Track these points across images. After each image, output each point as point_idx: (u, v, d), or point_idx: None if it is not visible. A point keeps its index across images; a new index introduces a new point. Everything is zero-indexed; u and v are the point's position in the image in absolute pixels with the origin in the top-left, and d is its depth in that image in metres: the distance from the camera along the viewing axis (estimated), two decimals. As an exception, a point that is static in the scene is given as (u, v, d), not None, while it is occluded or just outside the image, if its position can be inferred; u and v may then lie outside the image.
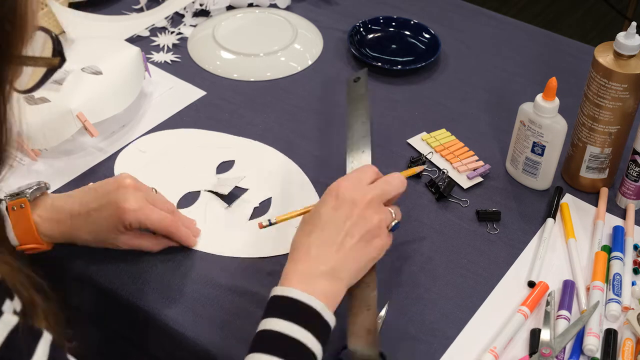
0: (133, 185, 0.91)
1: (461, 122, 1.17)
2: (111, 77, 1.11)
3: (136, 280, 0.93)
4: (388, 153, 1.11)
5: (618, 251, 0.96)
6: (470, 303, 0.92)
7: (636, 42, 0.95)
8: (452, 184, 1.05)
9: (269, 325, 0.75)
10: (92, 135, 1.07)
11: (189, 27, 1.34)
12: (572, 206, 1.04)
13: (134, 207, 0.89)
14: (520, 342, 0.88)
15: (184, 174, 1.07)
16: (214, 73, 1.26)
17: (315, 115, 1.18)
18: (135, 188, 0.91)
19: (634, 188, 1.02)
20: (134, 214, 0.89)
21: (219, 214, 1.01)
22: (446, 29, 1.35)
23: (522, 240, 1.00)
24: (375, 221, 0.82)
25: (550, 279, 0.94)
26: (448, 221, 1.02)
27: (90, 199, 0.91)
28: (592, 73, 0.99)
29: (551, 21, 2.90)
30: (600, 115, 0.99)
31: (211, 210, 1.01)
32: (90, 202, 0.91)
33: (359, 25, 1.33)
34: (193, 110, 1.18)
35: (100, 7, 1.37)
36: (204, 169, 1.07)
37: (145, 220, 0.90)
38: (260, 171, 1.07)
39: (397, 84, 1.25)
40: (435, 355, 0.86)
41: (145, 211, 0.90)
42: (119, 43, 1.20)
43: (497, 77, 1.26)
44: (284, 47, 1.29)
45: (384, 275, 0.95)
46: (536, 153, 1.02)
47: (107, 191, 0.91)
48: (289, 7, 1.40)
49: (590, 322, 0.88)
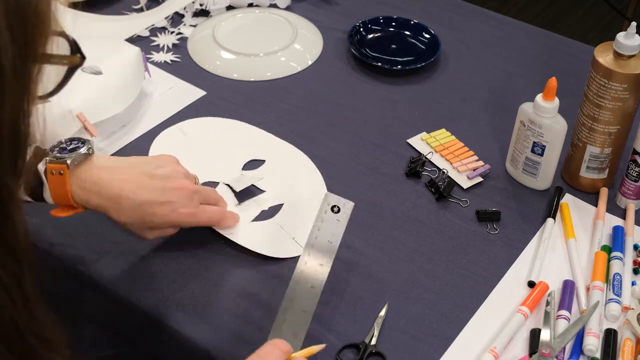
0: (192, 189, 0.91)
1: (461, 122, 1.17)
2: (111, 77, 1.11)
3: (137, 280, 0.93)
4: (388, 153, 1.11)
5: (618, 251, 0.96)
6: (470, 303, 0.92)
7: (636, 42, 0.95)
8: (452, 184, 1.05)
9: None
10: (92, 135, 1.07)
11: (189, 27, 1.34)
12: (572, 206, 1.04)
13: (192, 212, 0.90)
14: (520, 342, 0.88)
15: (214, 163, 1.07)
16: (214, 73, 1.26)
17: (315, 115, 1.18)
18: (194, 192, 0.91)
19: (634, 188, 1.02)
20: (188, 218, 0.90)
21: (229, 209, 1.01)
22: (446, 29, 1.35)
23: (522, 240, 1.00)
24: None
25: (550, 279, 0.94)
26: (448, 221, 1.02)
27: (144, 188, 0.88)
28: (592, 73, 0.99)
29: (551, 21, 2.90)
30: (600, 115, 0.99)
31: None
32: (143, 192, 0.88)
33: (359, 25, 1.33)
34: (193, 110, 1.18)
35: (100, 7, 1.37)
36: (233, 162, 1.08)
37: (197, 222, 0.92)
38: (285, 177, 1.06)
39: (397, 84, 1.25)
40: (435, 355, 0.86)
41: (198, 214, 0.91)
42: (119, 43, 1.20)
43: (497, 77, 1.27)
44: (284, 47, 1.29)
45: (384, 275, 0.95)
46: (536, 153, 1.02)
47: (164, 187, 0.89)
48: (289, 7, 1.40)
49: (590, 322, 0.88)
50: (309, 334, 0.86)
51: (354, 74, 1.26)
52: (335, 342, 0.87)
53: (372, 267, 0.95)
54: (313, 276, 0.86)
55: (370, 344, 0.86)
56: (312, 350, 0.81)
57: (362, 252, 0.97)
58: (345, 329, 0.89)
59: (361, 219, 1.01)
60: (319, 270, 0.86)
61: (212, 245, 0.97)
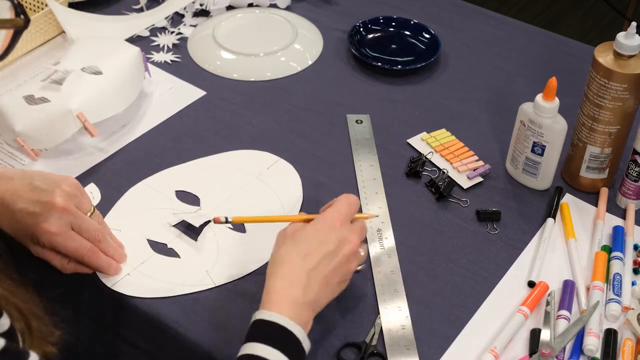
0: (62, 206, 0.87)
1: (461, 122, 1.17)
2: (111, 77, 1.11)
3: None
4: (388, 153, 1.11)
5: (618, 251, 0.96)
6: (470, 303, 0.92)
7: (636, 42, 0.95)
8: (452, 184, 1.05)
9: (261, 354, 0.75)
10: (92, 135, 1.07)
11: (189, 27, 1.34)
12: (572, 206, 1.04)
13: (52, 231, 0.87)
14: (520, 342, 0.88)
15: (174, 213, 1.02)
16: (214, 73, 1.26)
17: (315, 115, 1.18)
18: (63, 210, 0.87)
19: (634, 188, 1.02)
20: (50, 236, 0.87)
21: (190, 247, 0.97)
22: (446, 29, 1.35)
23: (522, 240, 1.00)
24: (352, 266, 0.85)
25: (550, 279, 0.94)
26: (448, 221, 1.02)
27: (23, 196, 0.88)
28: (592, 73, 0.99)
29: (551, 21, 2.90)
30: (600, 115, 0.99)
31: (181, 247, 0.97)
32: (21, 200, 0.88)
33: (359, 25, 1.33)
34: (193, 110, 1.18)
35: (100, 7, 1.37)
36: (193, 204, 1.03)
37: (60, 246, 0.88)
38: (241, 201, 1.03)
39: (397, 84, 1.25)
40: (435, 355, 0.86)
41: (63, 238, 0.88)
42: (119, 43, 1.20)
43: (497, 77, 1.26)
44: (284, 47, 1.29)
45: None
46: (536, 153, 1.02)
47: (38, 199, 0.87)
48: (289, 7, 1.40)
49: (590, 322, 0.88)
50: (309, 334, 0.86)
51: (354, 74, 1.26)
52: (335, 342, 0.87)
53: (372, 267, 0.95)
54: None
55: (370, 344, 0.86)
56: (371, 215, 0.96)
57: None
58: (345, 329, 0.89)
59: (361, 219, 1.01)
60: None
61: (212, 245, 0.97)
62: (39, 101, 1.05)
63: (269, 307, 0.78)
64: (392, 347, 0.86)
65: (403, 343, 0.87)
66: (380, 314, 0.89)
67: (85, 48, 1.17)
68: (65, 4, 1.31)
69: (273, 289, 0.79)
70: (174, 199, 1.03)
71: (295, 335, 0.77)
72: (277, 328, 0.76)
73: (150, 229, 0.98)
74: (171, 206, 1.02)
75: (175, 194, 1.03)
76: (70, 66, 1.10)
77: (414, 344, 0.87)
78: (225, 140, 1.13)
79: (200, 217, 0.99)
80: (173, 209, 1.01)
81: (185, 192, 1.04)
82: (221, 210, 1.00)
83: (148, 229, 0.98)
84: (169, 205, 1.02)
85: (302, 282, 0.80)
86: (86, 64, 1.11)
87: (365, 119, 1.16)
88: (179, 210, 1.01)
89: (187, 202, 1.02)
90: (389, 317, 0.89)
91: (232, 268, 0.94)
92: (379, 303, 0.91)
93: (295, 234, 0.84)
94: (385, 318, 0.89)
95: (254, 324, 0.78)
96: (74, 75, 1.09)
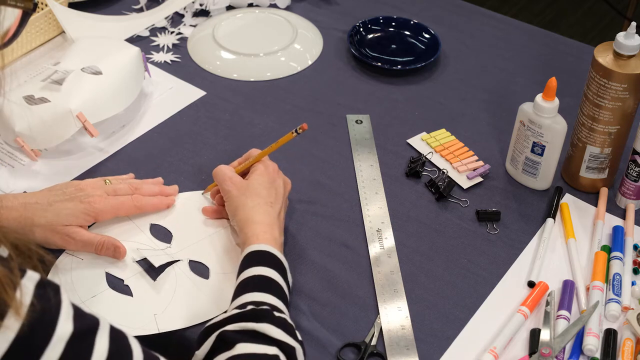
0: (87, 185, 0.96)
1: (461, 122, 1.17)
2: (111, 77, 1.11)
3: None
4: (388, 153, 1.11)
5: (618, 251, 0.96)
6: (470, 303, 0.92)
7: (636, 42, 0.95)
8: (452, 184, 1.05)
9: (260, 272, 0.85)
10: (92, 135, 1.07)
11: (189, 27, 1.34)
12: (572, 206, 1.04)
13: (98, 194, 0.95)
14: (520, 342, 0.88)
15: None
16: (214, 73, 1.26)
17: (315, 115, 1.18)
18: (90, 187, 0.96)
19: (634, 188, 1.02)
20: (99, 203, 0.94)
21: (147, 286, 0.92)
22: (446, 29, 1.35)
23: (522, 240, 1.00)
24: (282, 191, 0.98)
25: (550, 279, 0.94)
26: (448, 221, 1.02)
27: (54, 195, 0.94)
28: (592, 73, 0.99)
29: (551, 21, 2.90)
30: (600, 115, 0.99)
31: (137, 286, 0.92)
32: (54, 195, 0.94)
33: (359, 25, 1.33)
34: (193, 110, 1.18)
35: (100, 7, 1.37)
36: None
37: (108, 206, 0.95)
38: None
39: (397, 84, 1.25)
40: (435, 355, 0.86)
41: (108, 199, 0.95)
42: (119, 43, 1.20)
43: (497, 77, 1.26)
44: (284, 47, 1.29)
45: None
46: (536, 153, 1.03)
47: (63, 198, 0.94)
48: (289, 7, 1.40)
49: (590, 322, 0.88)
50: (309, 334, 0.86)
51: (354, 74, 1.26)
52: (335, 342, 0.87)
53: (372, 267, 0.95)
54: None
55: (370, 344, 0.86)
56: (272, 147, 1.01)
57: (362, 252, 0.97)
58: (345, 329, 0.89)
59: (361, 219, 1.01)
60: None
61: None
62: (39, 101, 1.05)
63: (257, 242, 0.88)
64: (391, 347, 0.86)
65: (403, 343, 0.87)
66: (380, 314, 0.90)
67: (85, 48, 1.17)
68: (65, 4, 1.31)
69: (256, 231, 0.90)
70: (146, 232, 0.98)
71: (281, 260, 0.88)
72: (267, 254, 0.87)
73: (112, 261, 0.94)
74: (141, 240, 0.97)
75: (149, 226, 0.98)
76: (70, 66, 1.10)
77: (413, 344, 0.87)
78: (225, 140, 1.13)
79: (165, 255, 0.95)
80: (141, 243, 0.96)
81: (159, 226, 0.99)
82: (188, 252, 0.96)
83: (110, 262, 0.94)
84: (138, 239, 0.97)
85: (275, 224, 0.92)
86: (86, 64, 1.11)
87: (365, 119, 1.16)
88: (145, 247, 0.96)
89: (158, 238, 0.97)
90: (389, 317, 0.89)
91: (181, 316, 0.89)
92: (379, 303, 0.91)
93: (253, 187, 0.94)
94: (385, 318, 0.89)
95: (248, 255, 0.87)
96: (74, 76, 1.09)
